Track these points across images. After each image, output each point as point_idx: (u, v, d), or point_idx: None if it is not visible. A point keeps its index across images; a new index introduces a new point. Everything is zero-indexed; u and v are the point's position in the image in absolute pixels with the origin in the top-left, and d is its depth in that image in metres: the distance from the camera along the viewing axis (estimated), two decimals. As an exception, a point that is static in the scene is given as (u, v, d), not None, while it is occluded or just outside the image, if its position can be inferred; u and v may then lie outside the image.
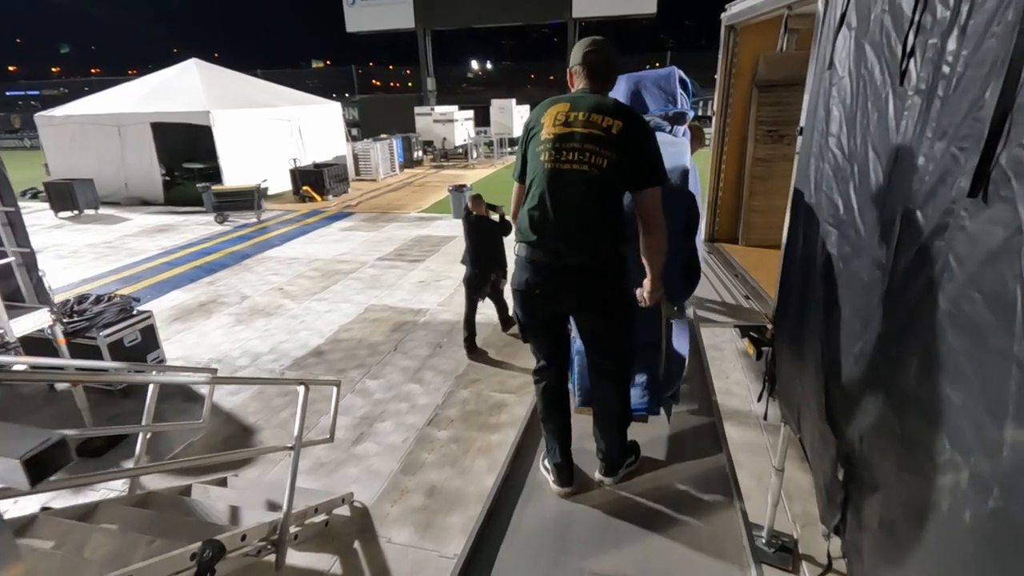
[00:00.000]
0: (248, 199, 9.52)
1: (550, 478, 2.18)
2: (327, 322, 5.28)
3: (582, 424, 2.31)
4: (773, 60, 4.73)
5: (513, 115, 17.42)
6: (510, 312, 5.01)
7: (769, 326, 3.59)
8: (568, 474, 2.14)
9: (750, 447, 3.36)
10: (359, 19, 20.18)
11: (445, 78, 30.75)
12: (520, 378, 4.18)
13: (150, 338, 4.17)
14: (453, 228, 8.79)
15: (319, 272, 6.77)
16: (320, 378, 2.79)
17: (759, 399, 2.36)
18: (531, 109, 13.88)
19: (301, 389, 2.41)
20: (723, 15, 4.77)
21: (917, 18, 1.14)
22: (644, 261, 1.85)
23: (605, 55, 1.90)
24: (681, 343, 2.46)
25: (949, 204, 0.97)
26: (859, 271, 1.38)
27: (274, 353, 4.68)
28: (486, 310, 5.40)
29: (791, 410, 1.98)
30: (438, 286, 6.18)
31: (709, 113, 18.24)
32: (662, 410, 2.38)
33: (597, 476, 2.20)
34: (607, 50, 1.91)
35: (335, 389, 2.75)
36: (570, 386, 2.34)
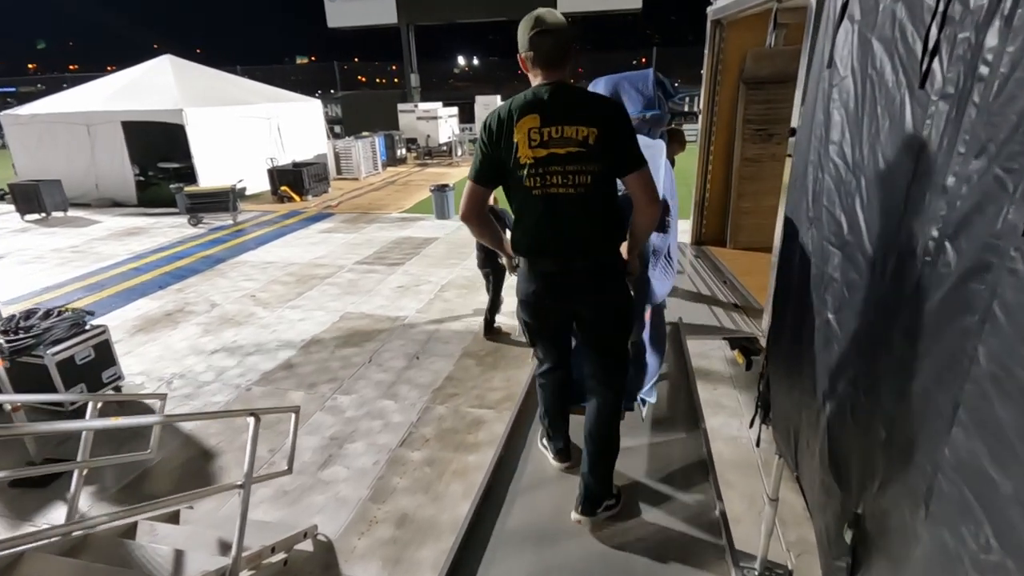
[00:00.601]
0: (223, 200, 9.21)
1: (549, 455, 2.47)
2: (300, 332, 5.04)
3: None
4: (761, 56, 4.56)
5: (498, 112, 17.14)
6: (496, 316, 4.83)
7: (762, 340, 3.42)
8: (567, 452, 2.43)
9: (740, 466, 3.19)
10: (341, 14, 19.79)
11: (432, 74, 30.35)
12: (500, 391, 3.98)
13: (105, 354, 3.91)
14: (435, 229, 8.57)
15: (294, 277, 6.52)
16: (275, 407, 2.56)
17: (751, 425, 2.19)
18: (515, 106, 13.56)
19: (251, 421, 2.19)
20: (709, 9, 4.59)
21: (942, 8, 0.95)
22: (629, 234, 1.93)
23: (556, 36, 1.76)
24: (658, 341, 2.60)
25: (992, 239, 0.78)
26: (869, 304, 1.19)
27: (242, 367, 4.44)
28: (467, 317, 5.20)
29: (787, 445, 1.80)
30: (417, 291, 5.95)
31: (695, 110, 18.11)
32: (638, 405, 2.50)
33: (574, 516, 2.17)
34: (556, 28, 1.76)
35: (293, 416, 2.53)
36: None
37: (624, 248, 1.98)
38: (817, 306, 1.48)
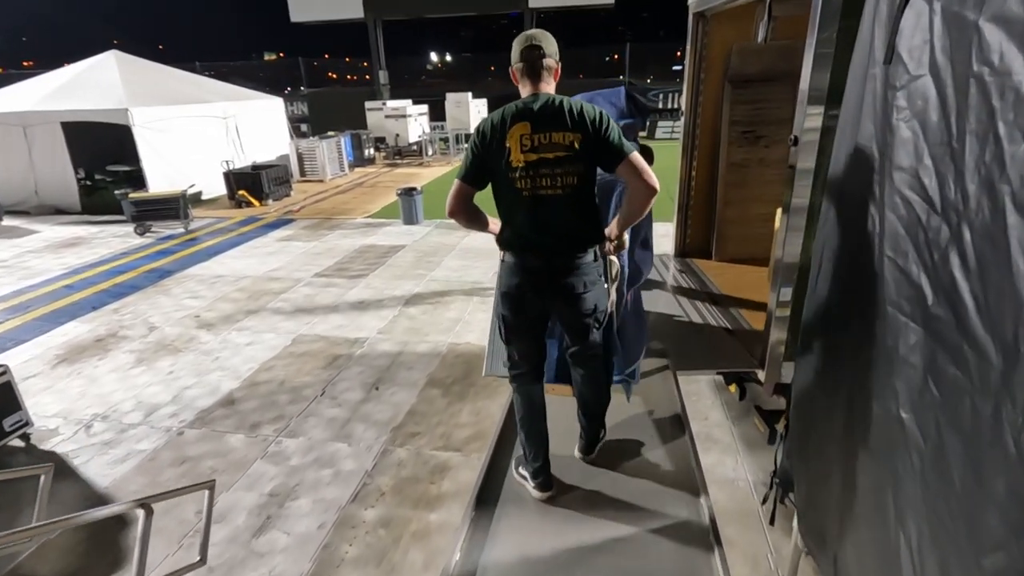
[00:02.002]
0: (173, 207, 8.56)
1: (528, 485, 2.30)
2: (246, 359, 4.53)
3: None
4: (747, 52, 4.20)
5: (470, 109, 16.65)
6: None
7: (760, 374, 3.06)
8: (548, 478, 2.28)
9: (740, 515, 2.81)
10: (304, 8, 19.04)
11: (404, 71, 29.62)
12: (468, 428, 3.55)
13: (7, 398, 3.36)
14: (402, 235, 8.07)
15: (245, 293, 5.97)
16: (181, 488, 2.08)
17: (763, 501, 1.81)
18: (488, 104, 13.16)
19: (140, 515, 1.72)
20: (690, 1, 4.21)
21: None
22: (620, 212, 2.13)
23: (544, 51, 1.95)
24: (640, 321, 2.67)
25: None
26: (982, 411, 0.80)
27: (176, 403, 3.92)
28: (434, 337, 4.75)
29: (821, 549, 1.40)
30: (380, 308, 5.48)
31: (673, 107, 17.85)
32: (622, 387, 2.56)
33: (576, 453, 2.48)
34: (546, 44, 1.96)
35: (207, 494, 2.06)
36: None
37: (610, 229, 2.17)
38: (876, 392, 1.08)
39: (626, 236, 2.30)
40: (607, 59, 26.46)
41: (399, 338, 4.82)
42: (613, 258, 2.29)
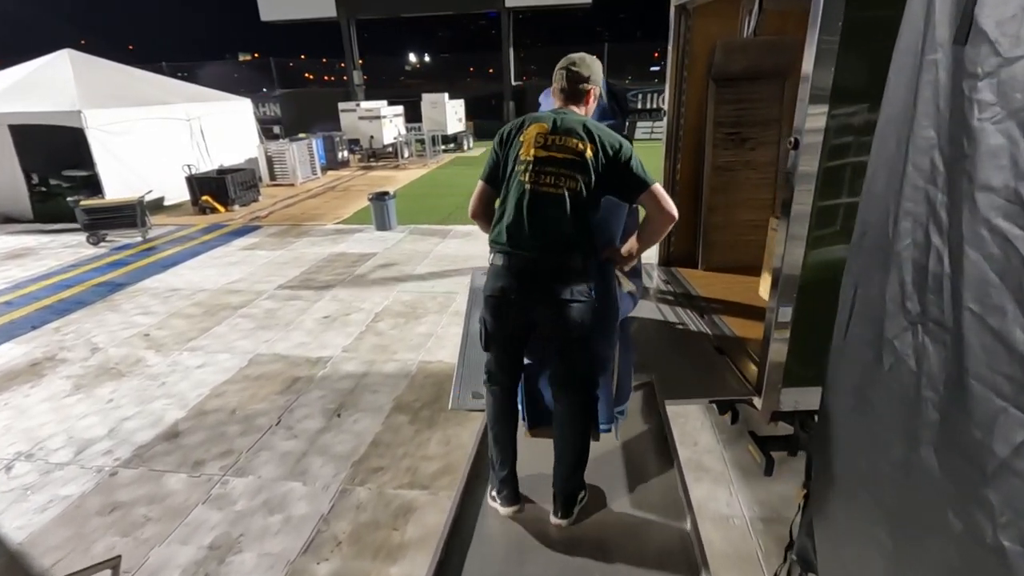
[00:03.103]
0: (129, 214, 8.08)
1: (496, 503, 2.17)
2: (196, 383, 4.14)
3: None
4: (732, 48, 3.93)
5: (446, 110, 16.30)
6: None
7: (756, 402, 2.79)
8: (514, 492, 2.15)
9: (736, 561, 2.54)
10: (274, 7, 18.52)
11: (382, 72, 29.14)
12: (437, 460, 3.22)
13: (-92, 441, 2.95)
14: (374, 242, 7.70)
15: (201, 308, 5.56)
16: (75, 572, 1.72)
17: None
18: (466, 105, 12.90)
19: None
20: (673, -8, 3.94)
21: None
22: (639, 234, 2.13)
23: (582, 72, 2.05)
24: (628, 358, 2.51)
25: None
26: None
27: (112, 438, 3.53)
28: (403, 355, 4.42)
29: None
30: (346, 322, 5.12)
31: (654, 107, 17.71)
32: (612, 427, 2.33)
33: (553, 520, 2.10)
34: (583, 68, 2.05)
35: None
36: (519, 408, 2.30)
37: (593, 259, 2.05)
38: (957, 508, 0.78)
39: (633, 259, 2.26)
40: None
41: (365, 357, 4.47)
42: (622, 277, 2.35)
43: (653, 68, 24.95)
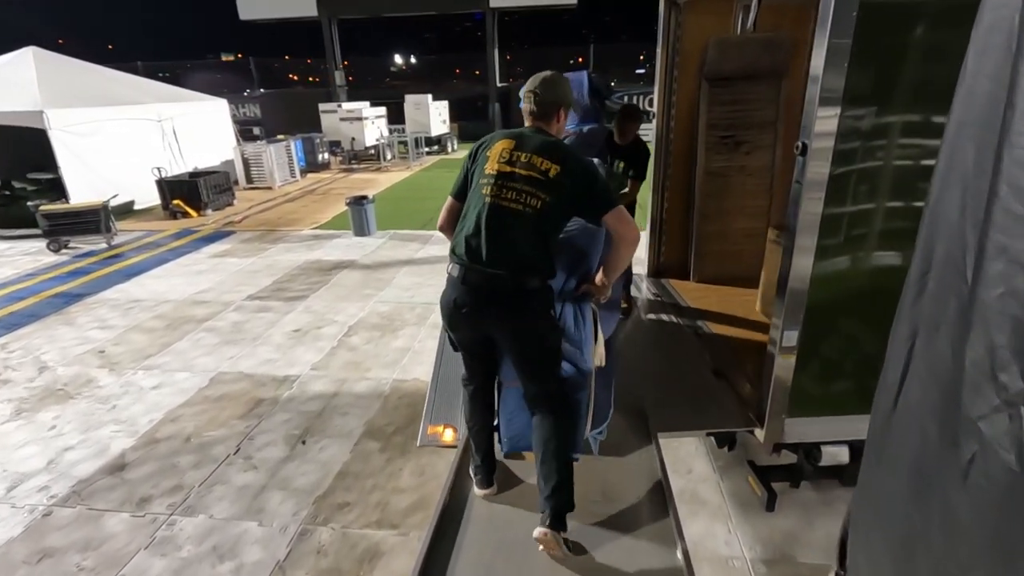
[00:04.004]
0: (93, 220, 7.69)
1: (473, 483, 2.31)
2: (149, 406, 3.82)
3: None
4: (726, 46, 3.71)
5: (430, 111, 16.01)
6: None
7: (759, 433, 2.54)
8: (489, 475, 2.30)
9: (738, 610, 2.29)
10: (253, 5, 18.08)
11: (368, 73, 28.78)
12: (409, 494, 2.94)
13: None
14: (351, 249, 7.39)
15: (164, 321, 5.22)
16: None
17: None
18: (451, 105, 12.68)
19: None
20: (662, -13, 3.71)
21: None
22: (605, 264, 2.18)
23: (549, 94, 2.03)
24: (606, 381, 2.46)
25: None
26: None
27: (51, 471, 3.20)
28: (377, 372, 4.13)
29: None
30: (317, 336, 4.81)
31: (646, 109, 17.67)
32: (588, 441, 2.32)
33: (537, 531, 1.97)
34: (553, 88, 2.04)
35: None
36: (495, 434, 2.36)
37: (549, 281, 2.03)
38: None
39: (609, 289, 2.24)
40: (571, 61, 26.21)
41: (336, 375, 4.17)
42: (594, 307, 2.29)
43: (639, 71, 24.92)
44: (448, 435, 2.46)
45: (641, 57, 25.64)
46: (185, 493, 2.99)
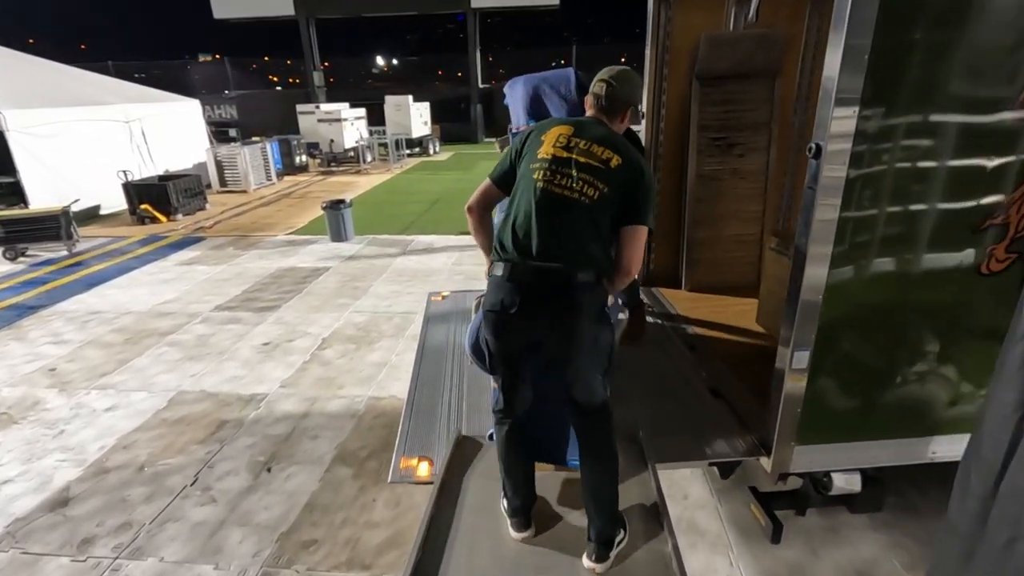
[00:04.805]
0: (53, 226, 7.28)
1: (506, 522, 2.01)
2: (101, 431, 3.51)
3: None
4: (718, 43, 3.52)
5: (411, 113, 15.73)
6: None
7: (766, 464, 2.34)
8: (527, 517, 2.00)
9: (746, 660, 2.08)
10: (228, 4, 17.62)
11: (349, 74, 28.41)
12: (383, 529, 2.69)
13: None
14: (328, 255, 7.10)
15: (123, 335, 4.89)
16: None
17: None
18: (433, 107, 12.46)
19: None
20: (651, -21, 3.51)
21: None
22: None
23: (625, 89, 1.88)
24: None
25: None
26: None
27: (-16, 508, 2.89)
28: (351, 390, 3.87)
29: None
30: (288, 350, 4.53)
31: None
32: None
33: (586, 563, 1.86)
34: (630, 83, 1.89)
35: None
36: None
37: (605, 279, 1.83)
38: None
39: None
40: (554, 63, 26.13)
41: (307, 392, 3.90)
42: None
43: (646, 62, 24.85)
44: (423, 469, 2.21)
45: (623, 59, 25.65)
46: (134, 532, 2.70)
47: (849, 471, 2.23)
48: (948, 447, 2.17)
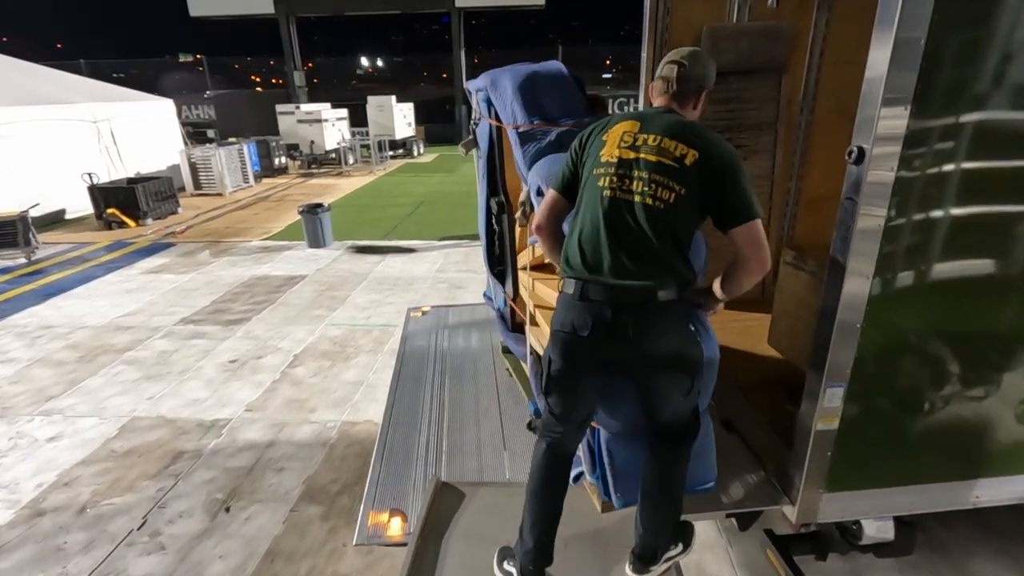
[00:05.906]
0: (9, 232, 6.85)
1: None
2: (41, 465, 3.15)
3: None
4: (720, 36, 3.25)
5: (394, 114, 15.37)
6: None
7: (790, 514, 2.06)
8: (540, 569, 1.73)
9: None
10: (204, 2, 17.12)
11: (333, 75, 28.00)
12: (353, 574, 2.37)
13: None
14: (304, 262, 6.74)
15: (77, 352, 4.51)
16: None
17: None
18: (418, 108, 12.09)
19: None
20: (648, -30, 3.24)
21: None
22: (724, 277, 1.65)
23: (697, 68, 1.65)
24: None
25: None
26: None
27: None
28: (323, 413, 3.54)
29: None
30: (257, 368, 4.18)
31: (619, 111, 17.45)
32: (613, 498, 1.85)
33: (628, 571, 1.76)
34: (703, 63, 1.67)
35: None
36: (594, 480, 1.90)
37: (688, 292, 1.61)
38: None
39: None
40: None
41: (274, 417, 3.56)
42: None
43: (605, 75, 24.87)
44: (395, 527, 1.91)
45: (607, 62, 25.55)
46: (65, 590, 2.35)
47: (882, 518, 1.96)
48: (993, 491, 1.92)
